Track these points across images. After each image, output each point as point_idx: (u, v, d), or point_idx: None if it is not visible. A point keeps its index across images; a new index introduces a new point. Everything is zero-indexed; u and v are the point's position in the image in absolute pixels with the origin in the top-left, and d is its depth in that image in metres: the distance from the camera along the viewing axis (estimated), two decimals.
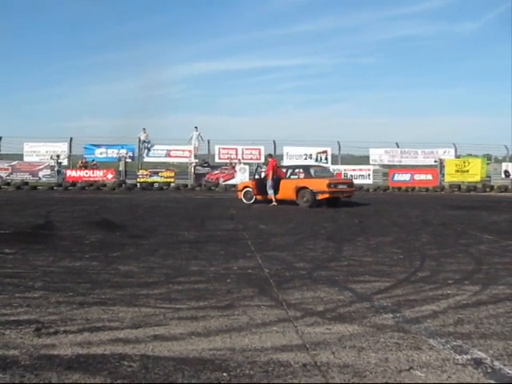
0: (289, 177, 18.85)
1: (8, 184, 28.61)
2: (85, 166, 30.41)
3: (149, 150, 32.20)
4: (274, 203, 18.33)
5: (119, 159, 31.08)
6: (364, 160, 33.74)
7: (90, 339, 4.04)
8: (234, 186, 26.93)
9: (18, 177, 29.52)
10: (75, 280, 6.21)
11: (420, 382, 3.32)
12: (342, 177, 28.56)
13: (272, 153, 31.06)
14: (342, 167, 31.61)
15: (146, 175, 30.00)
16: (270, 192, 18.49)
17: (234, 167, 30.63)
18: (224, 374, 3.38)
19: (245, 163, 31.26)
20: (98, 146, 31.79)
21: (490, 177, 33.33)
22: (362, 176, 31.49)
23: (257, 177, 19.94)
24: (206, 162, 31.51)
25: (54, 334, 4.18)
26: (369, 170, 32.07)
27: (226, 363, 3.57)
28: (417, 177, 31.57)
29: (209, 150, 32.93)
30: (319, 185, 17.46)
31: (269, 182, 18.55)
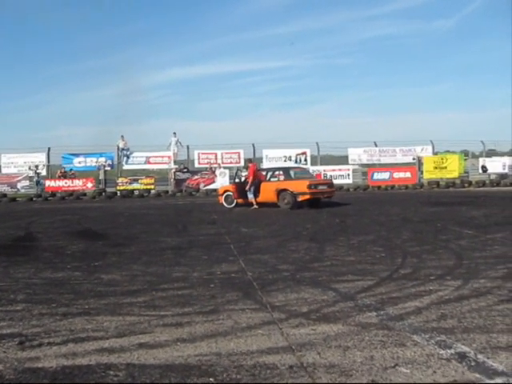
0: (269, 179, 18.86)
1: None
2: (64, 176, 30.15)
3: (128, 157, 32.03)
4: (255, 206, 18.33)
5: (98, 168, 30.86)
6: (343, 160, 33.86)
7: (75, 350, 4.02)
8: (215, 190, 26.89)
9: None
10: (58, 291, 6.16)
11: (406, 378, 3.35)
12: (322, 177, 28.65)
13: (251, 156, 31.24)
14: (321, 168, 31.71)
15: (126, 183, 29.81)
16: (251, 196, 18.49)
17: (214, 172, 30.57)
18: (211, 379, 3.38)
19: (225, 167, 31.21)
20: (77, 155, 31.54)
21: (467, 172, 33.61)
22: (342, 176, 31.62)
23: (237, 180, 19.93)
24: (185, 168, 31.40)
25: (38, 346, 4.14)
26: (348, 169, 32.19)
27: (213, 368, 3.57)
28: (396, 175, 31.77)
29: (188, 156, 32.85)
30: (299, 186, 17.50)
31: (249, 187, 18.55)
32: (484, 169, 32.91)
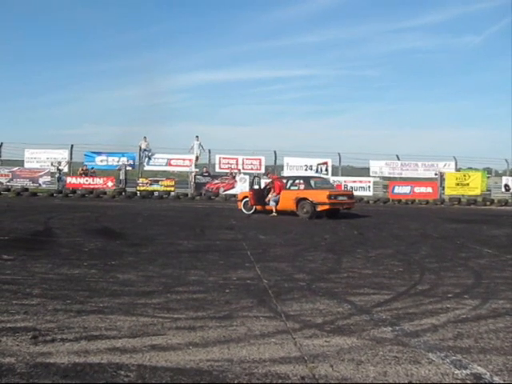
0: (289, 188, 18.85)
1: (8, 190, 28.57)
2: (85, 174, 30.37)
3: (149, 158, 32.18)
4: (274, 214, 18.32)
5: (120, 167, 31.06)
6: (364, 172, 33.76)
7: (87, 348, 4.02)
8: (234, 195, 26.95)
9: (18, 183, 29.46)
10: (73, 288, 6.19)
11: None
12: (342, 188, 28.52)
13: (272, 163, 31.27)
14: (342, 179, 31.59)
15: (147, 183, 29.96)
16: (272, 204, 18.47)
17: (234, 177, 30.60)
18: None
19: (245, 173, 31.18)
20: (99, 153, 31.81)
21: (490, 190, 33.27)
22: (362, 188, 31.45)
23: (256, 187, 19.91)
24: (207, 172, 31.48)
25: (51, 341, 4.15)
26: (369, 181, 32.03)
27: (224, 374, 3.55)
28: (417, 189, 31.52)
29: (209, 160, 32.97)
30: (319, 196, 17.45)
31: (274, 196, 18.52)
32: (507, 188, 32.52)
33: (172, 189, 30.20)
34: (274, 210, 18.41)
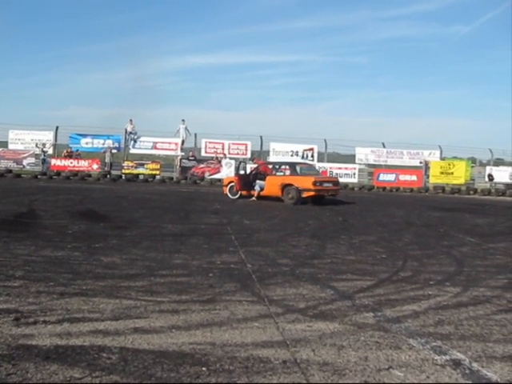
0: (274, 173, 18.86)
1: None
2: (69, 156, 30.13)
3: (135, 141, 31.98)
4: (254, 198, 18.40)
5: (105, 150, 30.84)
6: (350, 159, 33.86)
7: (70, 330, 4.02)
8: (220, 180, 26.90)
9: (1, 164, 29.10)
10: (56, 270, 6.17)
11: (399, 381, 3.33)
12: (328, 175, 28.58)
13: (259, 148, 31.26)
14: (327, 165, 31.67)
15: (132, 167, 29.79)
16: (257, 188, 18.48)
17: (219, 161, 30.54)
18: (203, 369, 3.37)
19: (231, 158, 31.13)
20: (84, 135, 31.51)
21: (474, 180, 33.55)
22: (348, 175, 31.56)
23: (241, 172, 19.89)
24: (192, 156, 31.37)
25: (33, 323, 4.14)
26: (354, 168, 32.15)
27: (206, 358, 3.56)
28: (402, 177, 31.68)
29: (195, 144, 32.88)
30: (305, 182, 17.47)
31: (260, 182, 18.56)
32: (490, 177, 32.76)
33: (157, 172, 30.06)
34: (254, 195, 18.46)
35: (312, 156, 33.02)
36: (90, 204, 14.91)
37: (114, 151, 31.44)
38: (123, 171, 29.74)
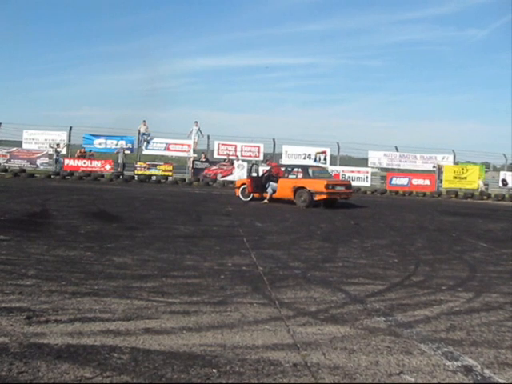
0: (287, 176, 18.83)
1: (5, 171, 28.45)
2: (83, 156, 30.29)
3: (148, 142, 32.10)
4: (266, 201, 18.39)
5: (118, 151, 30.98)
6: (363, 162, 33.77)
7: (81, 329, 4.03)
8: (232, 182, 26.93)
9: (15, 164, 29.35)
10: (68, 269, 6.20)
11: None
12: (340, 178, 28.55)
13: (271, 151, 31.26)
14: (340, 168, 31.60)
15: (144, 168, 29.88)
16: (269, 191, 18.48)
17: (232, 163, 30.56)
18: (213, 371, 3.37)
19: (243, 160, 31.15)
20: (98, 136, 31.66)
21: (487, 185, 33.30)
22: (360, 178, 31.45)
23: (254, 174, 19.90)
24: (205, 157, 31.42)
25: (45, 322, 4.17)
26: (367, 172, 32.06)
27: (216, 359, 3.56)
28: (415, 181, 31.55)
29: (208, 145, 32.90)
30: (317, 185, 17.43)
31: (273, 184, 18.55)
32: (504, 182, 32.54)
33: (170, 173, 30.12)
34: (267, 198, 18.46)
35: (324, 159, 32.95)
36: (103, 204, 14.97)
37: (127, 152, 31.56)
38: (136, 172, 29.82)
